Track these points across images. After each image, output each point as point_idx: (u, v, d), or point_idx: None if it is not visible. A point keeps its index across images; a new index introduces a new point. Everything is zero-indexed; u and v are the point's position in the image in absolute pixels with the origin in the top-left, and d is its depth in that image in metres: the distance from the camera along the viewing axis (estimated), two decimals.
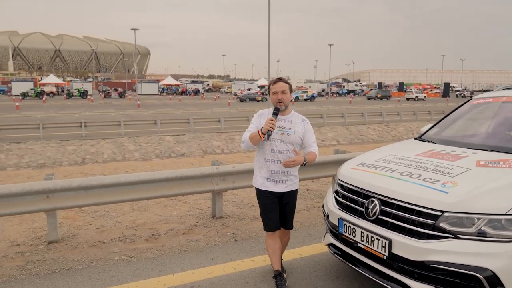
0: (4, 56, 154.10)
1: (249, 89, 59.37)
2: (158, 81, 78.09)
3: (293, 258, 4.10)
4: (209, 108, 33.41)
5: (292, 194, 3.53)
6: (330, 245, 3.49)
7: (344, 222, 3.19)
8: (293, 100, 47.13)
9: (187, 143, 17.50)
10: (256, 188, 3.53)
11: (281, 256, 3.81)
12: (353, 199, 3.23)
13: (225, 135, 18.23)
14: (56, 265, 4.02)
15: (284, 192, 3.45)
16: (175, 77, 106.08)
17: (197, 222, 5.39)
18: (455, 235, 2.57)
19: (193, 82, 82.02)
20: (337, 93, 71.08)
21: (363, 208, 3.08)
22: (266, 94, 34.88)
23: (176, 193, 4.99)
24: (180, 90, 67.99)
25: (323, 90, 69.41)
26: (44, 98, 44.48)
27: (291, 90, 3.41)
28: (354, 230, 3.09)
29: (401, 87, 79.23)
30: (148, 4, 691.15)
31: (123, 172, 11.26)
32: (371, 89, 74.08)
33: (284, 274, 3.68)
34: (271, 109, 3.45)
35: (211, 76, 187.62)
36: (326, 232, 3.65)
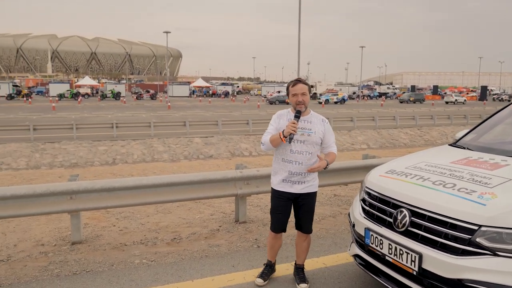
0: (44, 58, 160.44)
1: (279, 92, 59.22)
2: (189, 83, 79.12)
3: (317, 268, 3.93)
4: (238, 110, 33.47)
5: (310, 197, 3.44)
6: (356, 256, 3.30)
7: (371, 233, 3.00)
8: (323, 103, 46.63)
9: (215, 145, 17.54)
10: (272, 188, 3.50)
11: (303, 264, 3.67)
12: (381, 209, 3.04)
13: (253, 138, 18.16)
14: (77, 267, 4.01)
15: (300, 194, 3.38)
16: (206, 79, 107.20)
17: (220, 226, 5.29)
18: (493, 252, 2.35)
19: (223, 84, 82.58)
20: (369, 96, 69.89)
21: (391, 218, 2.89)
22: None
23: (198, 197, 4.91)
24: (210, 92, 68.67)
25: (354, 93, 68.39)
26: (79, 99, 45.82)
27: (310, 91, 3.38)
28: (381, 241, 2.89)
29: (435, 90, 77.03)
30: (180, 7, 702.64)
31: (150, 173, 11.35)
32: (404, 92, 72.30)
33: (306, 284, 3.53)
34: (289, 110, 3.42)
35: (241, 79, 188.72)
36: (352, 242, 3.46)
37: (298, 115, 3.26)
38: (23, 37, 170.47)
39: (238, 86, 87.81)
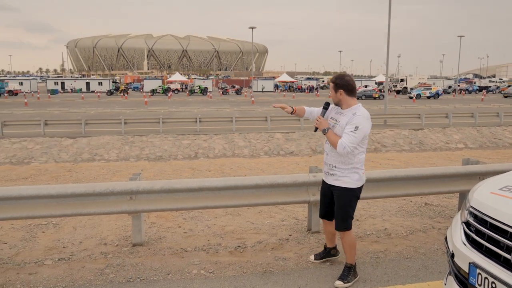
0: (140, 57, 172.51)
1: (366, 86, 56.82)
2: (274, 78, 79.38)
3: None
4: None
5: (339, 191, 3.42)
6: None
7: (478, 271, 2.25)
8: (414, 97, 43.58)
9: (296, 141, 17.02)
10: None
11: (349, 263, 3.57)
12: (493, 239, 2.27)
13: None
14: (133, 273, 3.75)
15: (332, 186, 3.46)
16: (291, 74, 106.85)
17: (290, 235, 4.74)
18: None
19: (308, 79, 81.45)
20: (466, 90, 64.03)
21: (509, 254, 2.12)
22: (383, 92, 32.69)
23: (265, 202, 4.40)
24: (295, 86, 68.19)
25: (450, 87, 63.06)
26: (169, 95, 48.13)
27: (338, 87, 3.39)
28: (493, 285, 2.14)
29: None
30: (267, 2, 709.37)
31: (227, 169, 11.16)
32: (509, 86, 64.99)
33: (341, 281, 3.48)
34: (333, 106, 3.59)
35: (326, 73, 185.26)
36: (449, 274, 2.70)
37: (326, 106, 3.52)
38: (123, 38, 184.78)
39: (323, 81, 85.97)
